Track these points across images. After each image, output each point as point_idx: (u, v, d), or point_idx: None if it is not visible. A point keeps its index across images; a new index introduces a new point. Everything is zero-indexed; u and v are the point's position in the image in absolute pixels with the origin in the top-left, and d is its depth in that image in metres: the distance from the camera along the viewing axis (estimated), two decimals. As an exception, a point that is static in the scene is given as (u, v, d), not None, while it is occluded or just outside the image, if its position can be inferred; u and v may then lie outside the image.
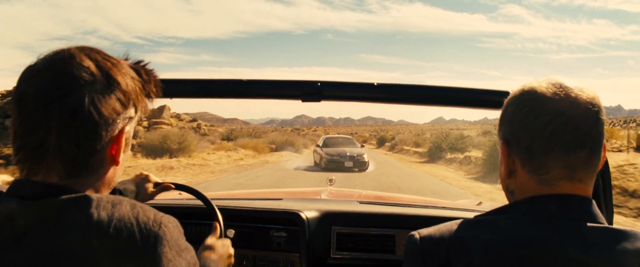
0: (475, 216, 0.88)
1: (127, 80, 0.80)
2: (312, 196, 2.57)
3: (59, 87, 0.73)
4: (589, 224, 0.79)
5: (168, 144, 20.44)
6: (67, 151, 0.74)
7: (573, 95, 0.81)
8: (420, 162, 27.23)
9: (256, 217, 1.92)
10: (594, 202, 0.84)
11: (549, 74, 0.88)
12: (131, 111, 0.81)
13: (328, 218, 1.90)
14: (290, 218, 1.87)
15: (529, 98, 0.84)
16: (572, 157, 0.81)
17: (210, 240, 1.32)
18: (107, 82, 0.77)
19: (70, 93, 0.73)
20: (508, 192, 0.91)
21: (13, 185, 0.76)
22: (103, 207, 0.72)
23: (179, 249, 0.77)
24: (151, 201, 1.46)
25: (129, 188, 1.41)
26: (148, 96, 0.86)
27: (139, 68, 0.86)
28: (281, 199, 2.25)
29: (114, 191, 1.35)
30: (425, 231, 0.87)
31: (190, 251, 0.81)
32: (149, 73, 0.87)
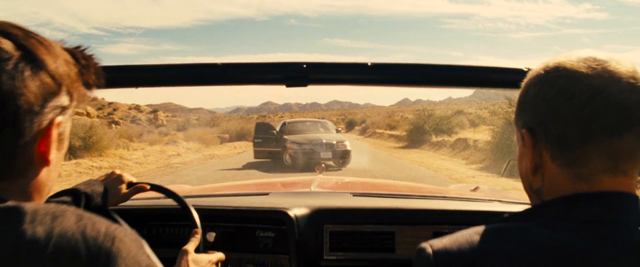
0: (498, 222, 0.74)
1: (58, 62, 0.68)
2: (301, 187, 2.50)
3: None
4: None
5: (69, 140, 15.17)
6: None
7: (611, 68, 0.69)
8: (401, 147, 24.56)
9: (240, 217, 1.77)
10: None
11: (511, 53, 0.54)
12: (64, 99, 0.69)
13: (319, 215, 1.75)
14: (278, 217, 1.71)
15: (557, 76, 0.70)
16: (616, 144, 0.67)
17: (190, 248, 1.26)
18: (30, 62, 0.64)
19: None
20: (532, 191, 0.78)
21: None
22: (40, 221, 0.59)
23: None
24: (124, 204, 1.45)
25: (96, 190, 1.30)
26: (87, 85, 0.75)
27: (76, 52, 0.74)
28: (268, 194, 2.11)
29: (79, 194, 1.26)
30: (440, 244, 0.73)
31: None
32: (88, 58, 0.76)
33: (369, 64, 1.26)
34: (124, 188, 1.40)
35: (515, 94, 0.85)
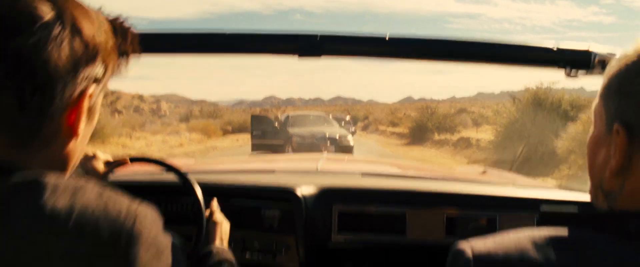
0: (558, 231, 0.60)
1: (96, 30, 0.64)
2: (307, 165, 2.44)
3: (2, 28, 0.57)
4: None
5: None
6: (8, 112, 0.58)
7: None
8: (403, 144, 24.50)
9: (244, 194, 1.73)
10: None
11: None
12: (98, 69, 0.65)
13: (328, 195, 1.70)
14: (284, 196, 1.66)
15: None
16: None
17: (220, 218, 1.28)
18: (68, 26, 0.60)
19: (15, 35, 0.57)
20: (601, 191, 0.65)
21: None
22: (61, 194, 0.56)
23: (158, 250, 0.61)
24: (120, 179, 1.48)
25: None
26: (123, 54, 0.71)
27: (115, 22, 0.70)
28: (273, 172, 2.07)
29: None
30: (482, 247, 0.61)
31: (171, 250, 0.64)
32: (127, 29, 0.72)
33: (387, 37, 1.22)
34: (100, 166, 1.31)
35: (519, 92, 0.79)
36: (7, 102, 0.58)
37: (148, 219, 0.61)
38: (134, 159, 1.37)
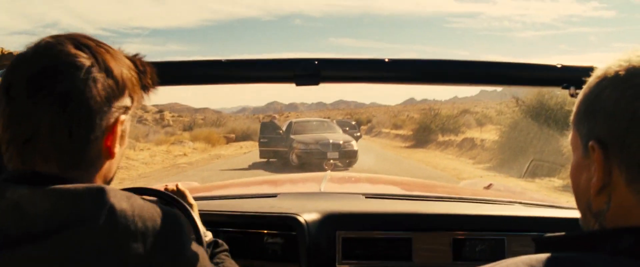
0: (556, 253, 0.60)
1: (123, 68, 0.78)
2: (310, 186, 2.46)
3: (49, 73, 0.71)
4: None
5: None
6: (60, 142, 0.71)
7: None
8: (407, 147, 24.39)
9: (246, 222, 1.68)
10: None
11: (517, 52, 0.65)
12: (126, 100, 0.79)
13: (331, 221, 1.64)
14: (287, 223, 1.61)
15: None
16: None
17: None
18: (101, 68, 0.74)
19: (62, 80, 0.70)
20: (590, 212, 0.65)
21: (10, 174, 0.73)
22: (120, 197, 0.71)
23: (191, 237, 0.82)
24: None
25: None
26: (144, 88, 0.84)
27: (135, 59, 0.84)
28: (276, 196, 2.00)
29: None
30: None
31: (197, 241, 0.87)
32: (145, 64, 0.85)
33: (387, 60, 1.19)
34: None
35: (522, 92, 0.76)
36: (59, 133, 0.70)
37: (182, 217, 0.81)
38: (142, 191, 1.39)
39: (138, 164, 15.47)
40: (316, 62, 1.17)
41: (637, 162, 0.58)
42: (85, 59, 0.72)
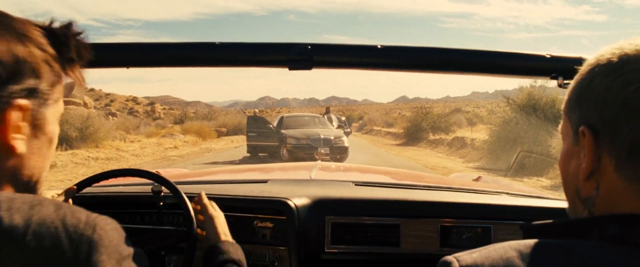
0: (543, 239, 0.62)
1: (17, 42, 0.63)
2: (301, 174, 2.44)
3: None
4: None
5: (65, 130, 14.71)
6: None
7: None
8: (398, 144, 24.42)
9: (237, 206, 1.67)
10: None
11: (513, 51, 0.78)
12: (28, 81, 0.64)
13: (321, 206, 1.67)
14: (277, 207, 1.63)
15: (635, 68, 0.59)
16: None
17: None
18: None
19: None
20: (578, 199, 0.67)
21: None
22: (17, 209, 0.58)
23: (120, 257, 0.62)
24: (99, 191, 1.58)
25: None
26: (67, 62, 0.69)
27: (56, 29, 0.69)
28: (266, 181, 2.01)
29: None
30: (469, 259, 0.62)
31: (136, 258, 0.66)
32: (68, 36, 0.69)
33: (379, 46, 1.19)
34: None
35: (513, 92, 0.78)
36: None
37: (108, 227, 0.62)
38: (82, 184, 1.41)
39: (128, 156, 15.42)
40: (309, 47, 1.18)
41: (627, 149, 0.58)
42: None
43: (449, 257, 0.63)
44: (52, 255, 0.56)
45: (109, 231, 0.62)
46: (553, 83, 1.15)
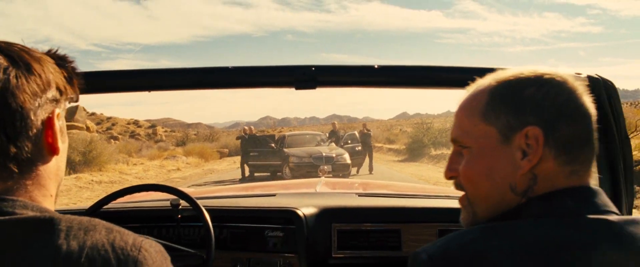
0: (484, 224, 0.80)
1: (42, 63, 0.76)
2: (306, 188, 2.54)
3: None
4: (615, 218, 0.73)
5: (68, 155, 14.86)
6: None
7: (586, 92, 0.80)
8: (400, 161, 24.47)
9: (249, 217, 1.80)
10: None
11: (507, 67, 0.88)
12: (56, 93, 0.77)
13: (327, 215, 1.79)
14: (287, 216, 1.75)
15: (564, 87, 0.78)
16: (594, 150, 0.80)
17: None
18: (19, 66, 0.73)
19: None
20: (514, 193, 0.78)
21: None
22: (74, 235, 0.66)
23: None
24: (113, 205, 1.65)
25: None
26: (70, 82, 0.81)
27: (52, 54, 0.81)
28: (275, 195, 2.15)
29: None
30: (434, 248, 0.75)
31: None
32: (64, 58, 0.82)
33: (376, 66, 1.31)
34: None
35: None
36: None
37: (152, 249, 0.70)
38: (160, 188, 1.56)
39: (131, 179, 15.45)
40: (313, 69, 1.29)
41: (562, 141, 0.76)
42: (3, 62, 0.71)
43: (418, 250, 0.76)
44: None
45: (153, 253, 0.70)
46: None
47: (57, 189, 0.80)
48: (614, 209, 0.76)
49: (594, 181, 0.80)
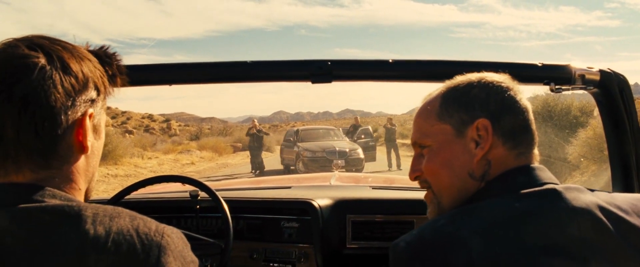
0: (453, 210, 0.88)
1: (82, 62, 0.78)
2: (320, 182, 2.56)
3: (5, 77, 0.71)
4: (562, 186, 0.84)
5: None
6: (27, 142, 0.72)
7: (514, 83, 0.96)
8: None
9: (265, 208, 1.84)
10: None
11: (522, 60, 1.14)
12: (92, 93, 0.78)
13: (342, 206, 1.82)
14: (302, 207, 1.78)
15: (504, 86, 0.92)
16: (535, 134, 0.93)
17: None
18: (56, 65, 0.74)
19: (17, 81, 0.71)
20: (473, 179, 0.90)
21: None
22: (100, 221, 0.69)
23: (184, 262, 0.73)
24: (133, 196, 1.71)
25: None
26: (112, 81, 0.84)
27: (100, 52, 0.84)
28: (290, 187, 2.18)
29: None
30: (409, 236, 0.84)
31: (196, 265, 0.76)
32: (111, 56, 0.84)
33: (391, 60, 1.33)
34: None
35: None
36: (25, 133, 0.71)
37: (174, 235, 0.74)
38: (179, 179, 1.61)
39: (146, 172, 15.59)
40: (329, 63, 1.31)
41: (507, 129, 0.89)
42: (38, 59, 0.73)
43: (397, 241, 0.85)
44: (128, 258, 0.68)
45: (175, 239, 0.74)
46: (567, 90, 1.28)
47: (89, 184, 0.82)
48: (556, 180, 0.88)
49: (536, 162, 0.92)
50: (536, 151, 0.93)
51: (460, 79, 0.96)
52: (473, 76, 0.95)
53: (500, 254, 0.76)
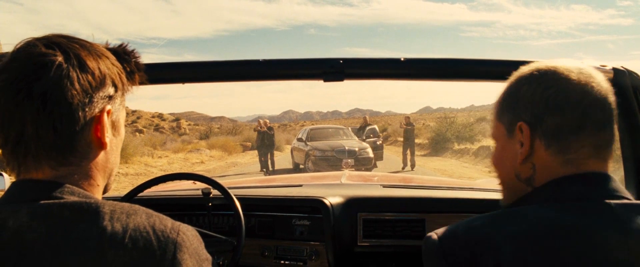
0: (497, 211, 0.85)
1: (99, 59, 0.79)
2: (331, 180, 2.55)
3: (24, 75, 0.72)
4: (619, 202, 0.78)
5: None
6: (46, 139, 0.73)
7: (593, 74, 0.84)
8: (423, 155, 24.32)
9: (277, 206, 1.85)
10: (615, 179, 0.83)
11: (534, 60, 0.94)
12: (110, 90, 0.80)
13: (353, 204, 1.82)
14: (314, 205, 1.78)
15: (553, 78, 0.84)
16: (600, 136, 0.82)
17: None
18: (74, 63, 0.75)
19: (36, 79, 0.72)
20: (520, 181, 0.88)
21: (8, 192, 0.75)
22: (117, 218, 0.71)
23: (199, 259, 0.75)
24: (146, 193, 1.72)
25: None
26: (130, 77, 0.85)
27: (118, 49, 0.85)
28: (301, 185, 2.21)
29: None
30: (444, 230, 0.84)
31: (210, 263, 0.78)
32: (129, 53, 0.86)
33: (402, 59, 1.33)
34: None
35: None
36: (44, 130, 0.72)
37: (189, 233, 0.75)
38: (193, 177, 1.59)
39: (156, 171, 15.67)
40: (341, 61, 1.31)
41: (551, 133, 0.82)
42: (56, 57, 0.73)
43: (430, 233, 0.85)
44: (145, 254, 0.69)
45: (190, 236, 0.75)
46: None
47: (108, 180, 0.84)
48: (622, 194, 0.80)
49: (600, 168, 0.83)
50: (606, 154, 0.84)
51: (518, 73, 0.91)
52: (529, 67, 0.89)
53: (531, 264, 0.73)
